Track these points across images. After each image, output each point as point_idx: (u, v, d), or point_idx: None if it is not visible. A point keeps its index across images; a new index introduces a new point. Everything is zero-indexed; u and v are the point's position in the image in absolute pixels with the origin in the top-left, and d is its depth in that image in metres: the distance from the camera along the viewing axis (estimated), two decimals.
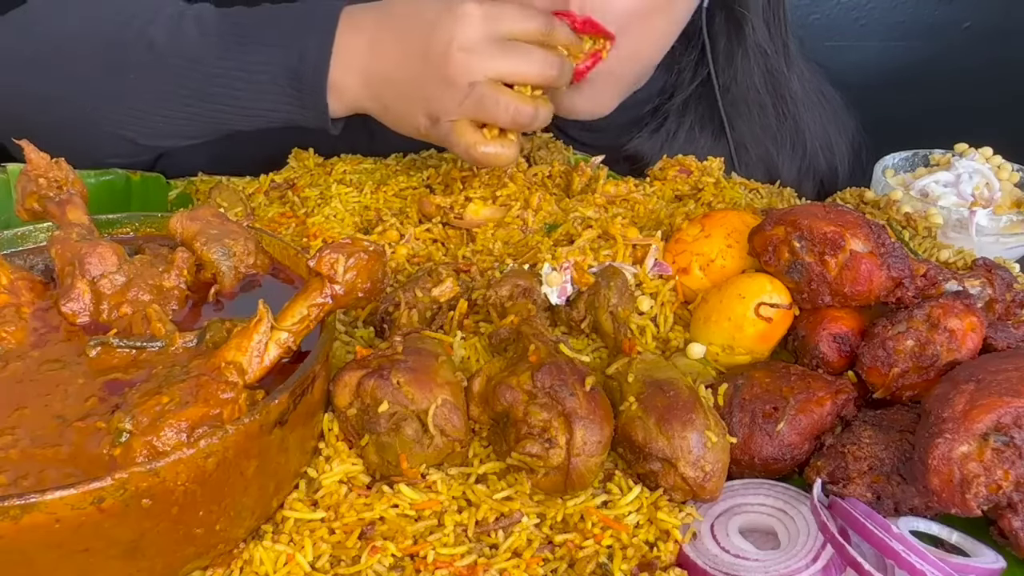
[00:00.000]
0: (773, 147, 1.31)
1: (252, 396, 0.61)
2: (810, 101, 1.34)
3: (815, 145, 1.34)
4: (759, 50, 1.27)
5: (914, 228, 1.06)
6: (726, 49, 1.27)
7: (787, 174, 1.30)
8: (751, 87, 1.28)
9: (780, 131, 1.31)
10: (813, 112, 1.34)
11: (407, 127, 1.00)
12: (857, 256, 0.77)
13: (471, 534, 0.65)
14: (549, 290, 0.84)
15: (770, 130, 1.31)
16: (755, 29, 1.25)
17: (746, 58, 1.27)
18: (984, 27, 2.01)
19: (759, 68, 1.28)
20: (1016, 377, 0.65)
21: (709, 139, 1.30)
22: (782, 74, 1.29)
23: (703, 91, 1.30)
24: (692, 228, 0.89)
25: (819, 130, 1.35)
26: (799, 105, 1.32)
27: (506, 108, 0.93)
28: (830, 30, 2.02)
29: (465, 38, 0.93)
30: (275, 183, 1.12)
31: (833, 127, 1.38)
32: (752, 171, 1.26)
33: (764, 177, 1.23)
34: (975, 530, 0.66)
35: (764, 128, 1.30)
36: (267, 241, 0.80)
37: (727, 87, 1.28)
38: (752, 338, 0.80)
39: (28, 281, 0.74)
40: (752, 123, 1.30)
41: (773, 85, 1.29)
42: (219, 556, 0.62)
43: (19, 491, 0.52)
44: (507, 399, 0.67)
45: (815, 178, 1.35)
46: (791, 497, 0.69)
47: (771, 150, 1.31)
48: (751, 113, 1.30)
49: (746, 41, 1.26)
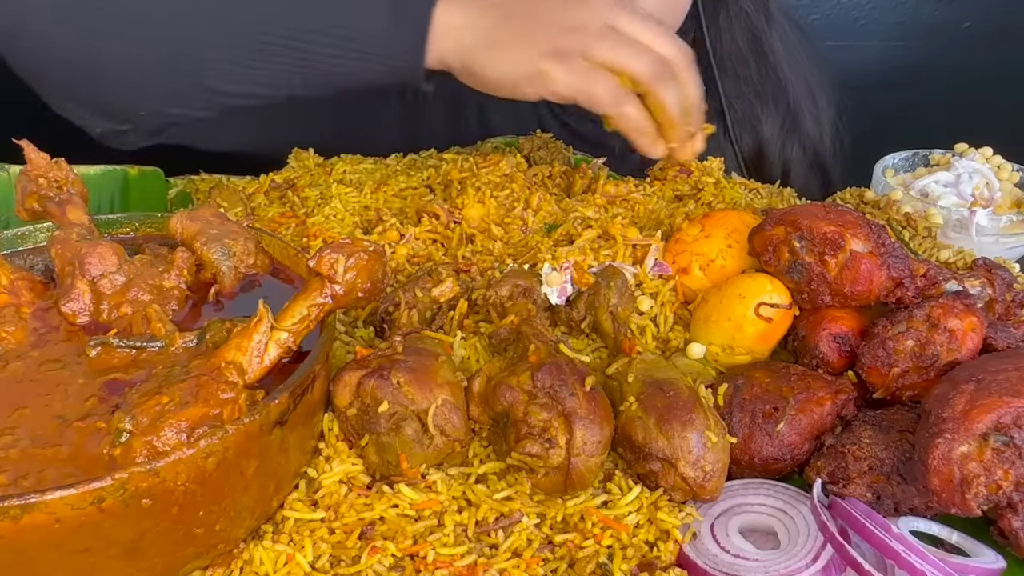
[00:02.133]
0: (757, 102, 1.35)
1: (252, 396, 0.61)
2: (791, 58, 1.39)
3: (799, 101, 1.38)
4: (740, 10, 1.34)
5: (914, 228, 1.06)
6: (710, 11, 1.33)
7: (771, 131, 1.35)
8: (734, 46, 1.34)
9: (762, 87, 1.36)
10: (795, 69, 1.39)
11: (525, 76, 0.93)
12: (857, 256, 0.77)
13: (471, 534, 0.65)
14: (549, 290, 0.84)
15: (753, 87, 1.35)
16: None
17: (727, 19, 1.33)
18: (984, 27, 2.01)
19: (741, 27, 1.34)
20: (1016, 377, 0.65)
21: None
22: (763, 32, 1.35)
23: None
24: (692, 228, 0.89)
25: (801, 86, 1.39)
26: (781, 61, 1.37)
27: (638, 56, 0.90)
28: (830, 30, 2.03)
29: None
30: (275, 183, 1.13)
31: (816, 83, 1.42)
32: (737, 129, 1.31)
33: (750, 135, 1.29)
34: (975, 530, 0.66)
35: (747, 84, 1.35)
36: (267, 241, 0.80)
37: (713, 48, 1.33)
38: (752, 338, 0.80)
39: (28, 281, 0.74)
40: (737, 81, 1.35)
41: (754, 43, 1.35)
42: (219, 556, 0.62)
43: (19, 491, 0.52)
44: (507, 399, 0.67)
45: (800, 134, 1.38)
46: (791, 497, 0.69)
47: (755, 105, 1.35)
48: (735, 71, 1.35)
49: (728, 2, 1.33)
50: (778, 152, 1.36)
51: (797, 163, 1.38)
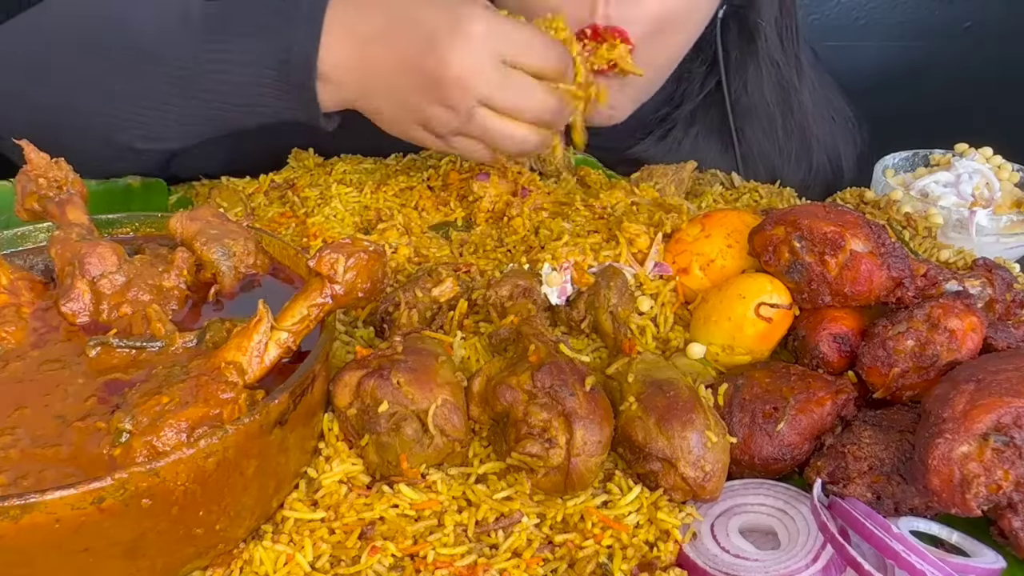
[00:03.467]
0: (778, 159, 1.30)
1: (252, 396, 0.61)
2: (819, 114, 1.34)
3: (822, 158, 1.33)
4: (771, 61, 1.27)
5: (914, 228, 1.06)
6: (738, 60, 1.27)
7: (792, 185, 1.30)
8: (760, 98, 1.28)
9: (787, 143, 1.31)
10: (822, 125, 1.34)
11: (402, 135, 0.97)
12: (857, 256, 0.77)
13: (471, 534, 0.65)
14: (549, 290, 0.84)
15: (776, 142, 1.30)
16: (768, 40, 1.25)
17: (757, 69, 1.27)
18: (984, 27, 2.01)
19: (770, 79, 1.28)
20: (1016, 377, 0.65)
21: (715, 149, 1.30)
22: (793, 86, 1.29)
23: (711, 101, 1.30)
24: (692, 228, 0.89)
25: (828, 141, 1.34)
26: (808, 117, 1.31)
27: (510, 138, 0.92)
28: (830, 30, 2.02)
29: (463, 63, 0.87)
30: (275, 183, 1.13)
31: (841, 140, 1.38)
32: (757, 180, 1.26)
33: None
34: (975, 530, 0.66)
35: (771, 139, 1.30)
36: (267, 241, 0.80)
37: (737, 98, 1.28)
38: (752, 338, 0.80)
39: (28, 281, 0.74)
40: (759, 134, 1.30)
41: (783, 97, 1.29)
42: (219, 556, 0.62)
43: (19, 491, 0.52)
44: (507, 399, 0.67)
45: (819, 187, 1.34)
46: (791, 497, 0.69)
47: (776, 162, 1.30)
48: (759, 124, 1.29)
49: (758, 53, 1.26)
50: None
51: None
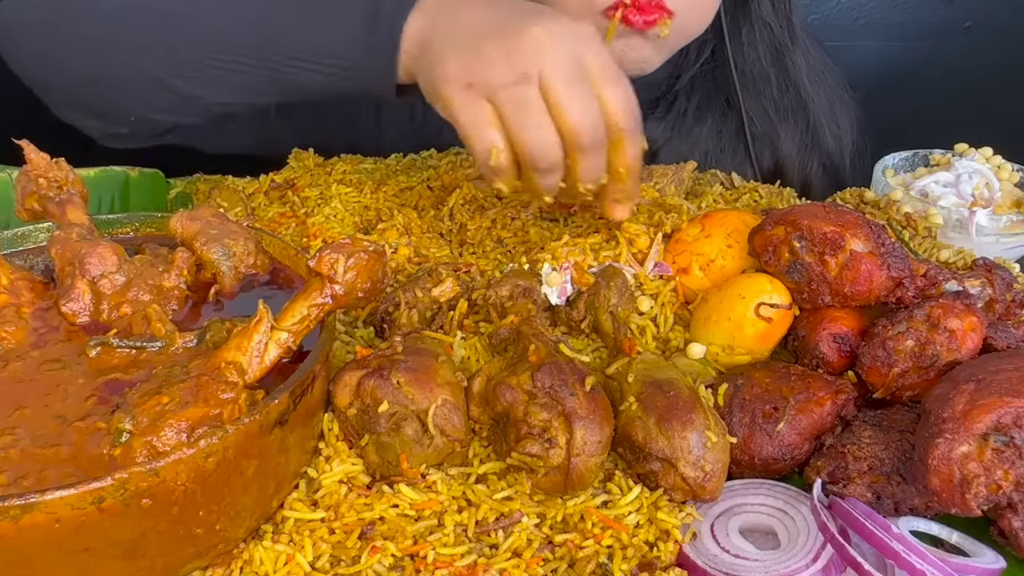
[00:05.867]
0: (777, 118, 1.33)
1: (252, 396, 0.61)
2: (814, 75, 1.36)
3: (819, 119, 1.35)
4: (764, 24, 1.30)
5: (914, 228, 1.06)
6: (732, 24, 1.30)
7: (789, 147, 1.33)
8: (756, 61, 1.31)
9: (783, 103, 1.33)
10: (817, 86, 1.36)
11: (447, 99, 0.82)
12: (857, 256, 0.77)
13: (471, 534, 0.65)
14: (549, 290, 0.84)
15: (773, 103, 1.33)
16: (760, 4, 1.29)
17: (751, 32, 1.30)
18: (984, 27, 2.01)
19: (764, 42, 1.31)
20: (1016, 377, 0.65)
21: (716, 116, 1.32)
22: (786, 48, 1.32)
23: (707, 68, 1.32)
24: (692, 228, 0.89)
25: (823, 103, 1.36)
26: (803, 78, 1.34)
27: (536, 130, 0.79)
28: (830, 30, 2.02)
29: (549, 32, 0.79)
30: (275, 183, 1.13)
31: (837, 101, 1.39)
32: (757, 145, 1.29)
33: (770, 151, 1.26)
34: (975, 530, 0.66)
35: (768, 100, 1.33)
36: (267, 241, 0.80)
37: (734, 62, 1.30)
38: (752, 338, 0.80)
39: (28, 281, 0.74)
40: (757, 96, 1.32)
41: (777, 58, 1.32)
42: (219, 556, 0.62)
43: (19, 491, 0.52)
44: (507, 399, 0.67)
45: (820, 152, 1.36)
46: (791, 497, 0.69)
47: (775, 120, 1.33)
48: (756, 86, 1.32)
49: (751, 16, 1.30)
50: (797, 169, 1.34)
51: (816, 179, 1.35)
